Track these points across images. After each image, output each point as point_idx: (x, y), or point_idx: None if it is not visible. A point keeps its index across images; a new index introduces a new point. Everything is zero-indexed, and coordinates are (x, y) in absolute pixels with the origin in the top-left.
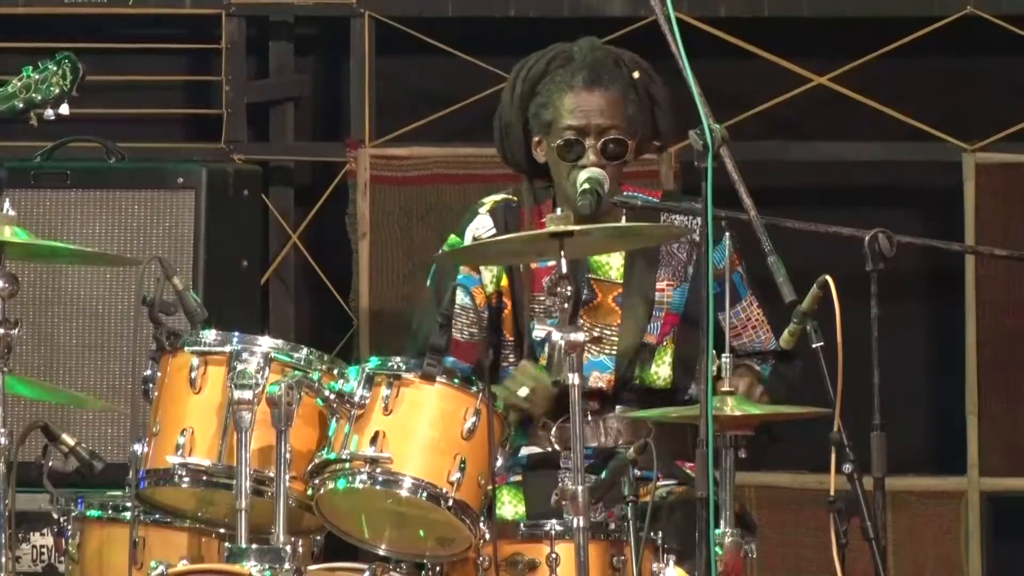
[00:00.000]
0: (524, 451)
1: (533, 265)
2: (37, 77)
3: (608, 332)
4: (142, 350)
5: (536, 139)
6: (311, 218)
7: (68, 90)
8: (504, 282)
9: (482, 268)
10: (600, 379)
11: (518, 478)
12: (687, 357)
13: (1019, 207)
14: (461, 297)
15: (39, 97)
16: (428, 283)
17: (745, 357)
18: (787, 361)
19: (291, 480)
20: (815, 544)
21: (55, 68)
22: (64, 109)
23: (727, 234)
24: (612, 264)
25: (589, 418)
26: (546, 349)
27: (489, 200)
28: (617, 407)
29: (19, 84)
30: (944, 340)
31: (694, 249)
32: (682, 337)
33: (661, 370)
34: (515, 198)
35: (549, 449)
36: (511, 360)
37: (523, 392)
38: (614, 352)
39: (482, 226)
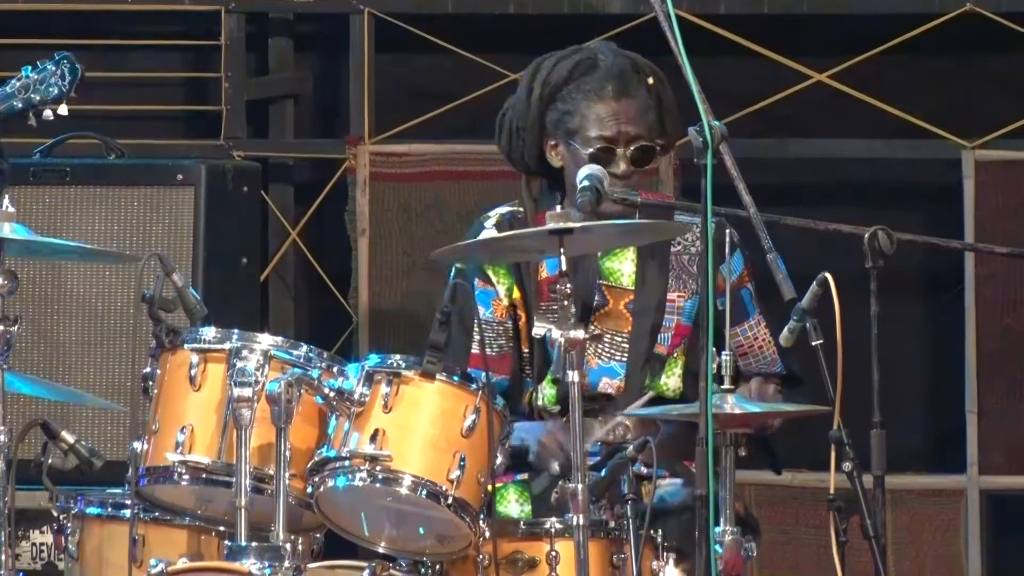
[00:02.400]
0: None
1: (543, 275)
2: (36, 77)
3: (619, 339)
4: (141, 347)
5: (552, 143)
6: (310, 215)
7: (66, 91)
8: (516, 294)
9: (495, 282)
10: (610, 385)
11: (524, 476)
12: (697, 368)
13: (1019, 204)
14: (482, 311)
15: (37, 97)
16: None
17: (750, 378)
18: (793, 387)
19: (291, 478)
20: (815, 542)
21: (54, 68)
22: (63, 110)
23: (738, 249)
24: (624, 271)
25: (599, 416)
26: (553, 349)
27: (495, 213)
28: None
29: (18, 84)
30: (944, 338)
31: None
32: (693, 348)
33: (671, 381)
34: (520, 209)
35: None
36: (527, 372)
37: (555, 469)
38: (624, 359)
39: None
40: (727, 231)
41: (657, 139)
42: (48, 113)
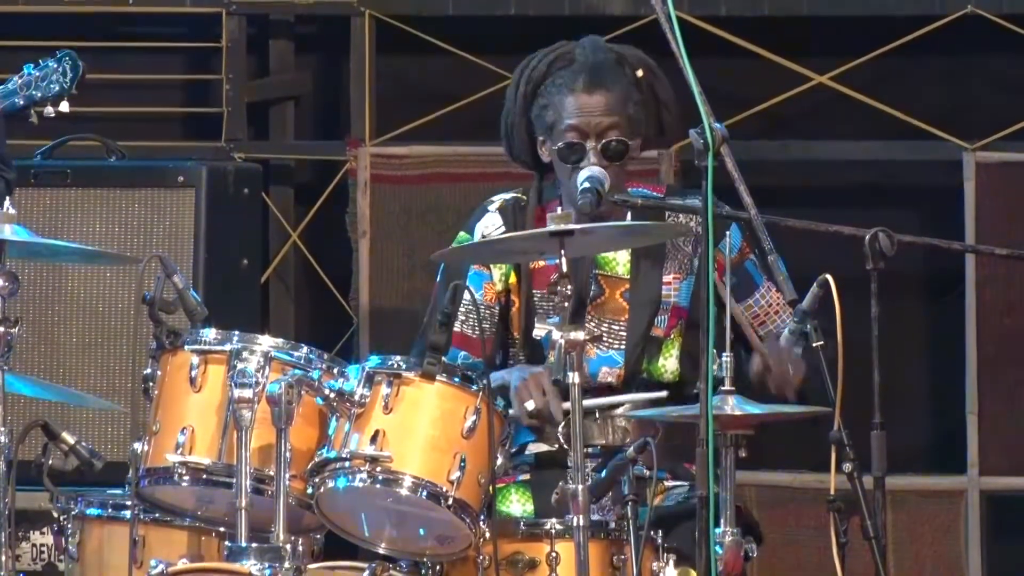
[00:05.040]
0: (531, 448)
1: (541, 263)
2: (38, 74)
3: (616, 327)
4: (142, 348)
5: (540, 139)
6: (311, 217)
7: (68, 88)
8: (512, 279)
9: (491, 264)
10: (609, 374)
11: (526, 476)
12: (694, 350)
13: (1019, 206)
14: (472, 291)
15: (39, 94)
16: (438, 279)
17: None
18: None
19: (291, 479)
20: (815, 543)
21: (56, 66)
22: (64, 107)
23: (733, 224)
24: (619, 260)
25: (597, 416)
26: (551, 349)
27: (498, 198)
28: (620, 408)
29: (19, 82)
30: (944, 339)
31: (699, 242)
32: (689, 330)
33: (668, 363)
34: (524, 196)
35: (556, 447)
36: (520, 358)
37: (530, 406)
38: (623, 347)
39: (491, 224)
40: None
41: (645, 132)
42: (49, 110)
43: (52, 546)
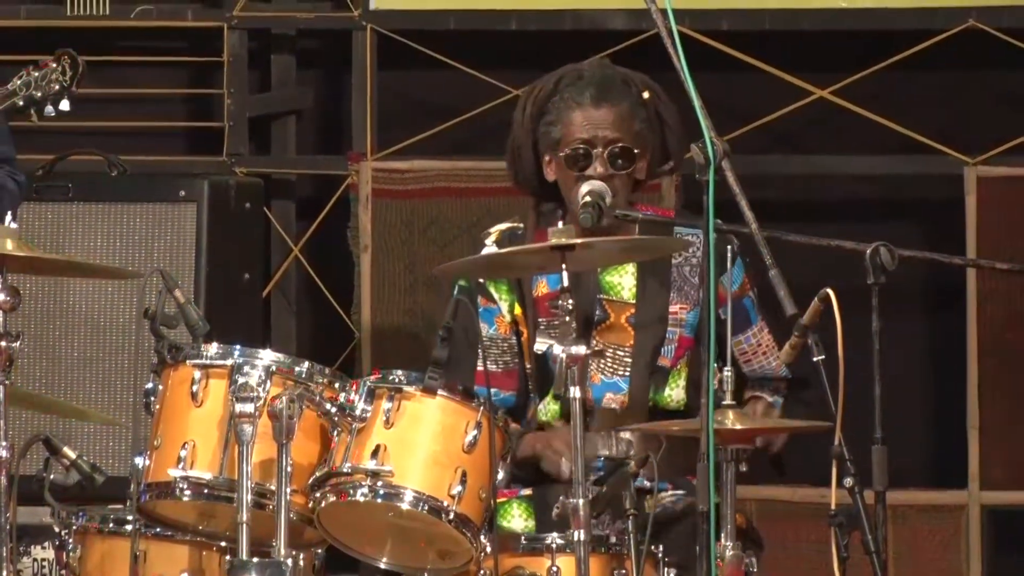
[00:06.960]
0: None
1: (543, 291)
2: (37, 74)
3: (621, 353)
4: (143, 363)
5: (546, 158)
6: (313, 231)
7: (68, 85)
8: (517, 310)
9: (498, 299)
10: (613, 400)
11: (528, 492)
12: (701, 380)
13: (1021, 220)
14: (487, 328)
15: (39, 94)
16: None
17: (756, 383)
18: (801, 387)
19: (292, 493)
20: (816, 558)
21: (55, 64)
22: (65, 105)
23: (739, 258)
24: (624, 284)
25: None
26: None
27: (495, 230)
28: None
29: (19, 82)
30: (945, 353)
31: (705, 272)
32: (696, 360)
33: (675, 393)
34: (521, 224)
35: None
36: (529, 387)
37: (565, 468)
38: (627, 374)
39: None
40: (727, 244)
41: (652, 153)
42: (50, 109)
43: (53, 561)
